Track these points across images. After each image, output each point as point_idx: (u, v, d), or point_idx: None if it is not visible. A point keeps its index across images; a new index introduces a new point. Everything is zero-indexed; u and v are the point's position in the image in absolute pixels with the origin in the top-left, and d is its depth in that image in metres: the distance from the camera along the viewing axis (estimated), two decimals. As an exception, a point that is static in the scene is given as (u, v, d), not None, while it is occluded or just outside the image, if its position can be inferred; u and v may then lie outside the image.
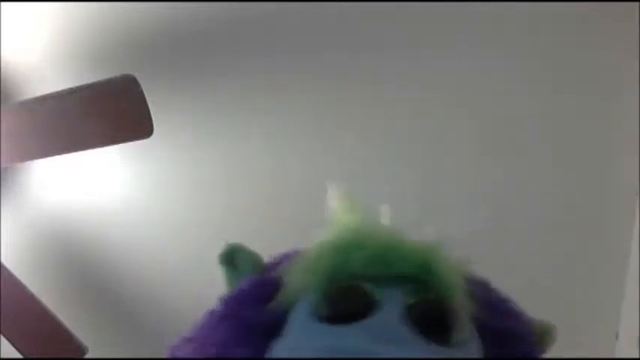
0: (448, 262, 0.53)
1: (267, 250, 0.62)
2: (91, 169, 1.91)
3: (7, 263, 1.69)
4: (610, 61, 1.57)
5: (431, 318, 0.49)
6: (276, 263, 0.59)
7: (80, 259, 2.06)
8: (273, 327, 0.53)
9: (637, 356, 1.46)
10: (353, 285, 0.52)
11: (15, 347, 1.70)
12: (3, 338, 1.71)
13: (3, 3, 1.63)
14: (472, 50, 1.61)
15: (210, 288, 0.57)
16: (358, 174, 1.74)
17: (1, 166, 1.53)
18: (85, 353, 1.73)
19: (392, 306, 0.50)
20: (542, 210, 1.75)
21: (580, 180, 1.70)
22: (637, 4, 1.46)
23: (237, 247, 0.61)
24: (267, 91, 1.73)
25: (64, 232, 2.01)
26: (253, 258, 0.61)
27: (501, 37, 1.59)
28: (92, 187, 1.95)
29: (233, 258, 0.61)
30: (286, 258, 0.59)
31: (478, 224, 1.71)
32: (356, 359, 0.46)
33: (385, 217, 0.59)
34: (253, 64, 1.69)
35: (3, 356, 1.88)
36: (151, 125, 1.40)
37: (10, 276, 1.66)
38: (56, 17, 1.69)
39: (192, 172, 1.88)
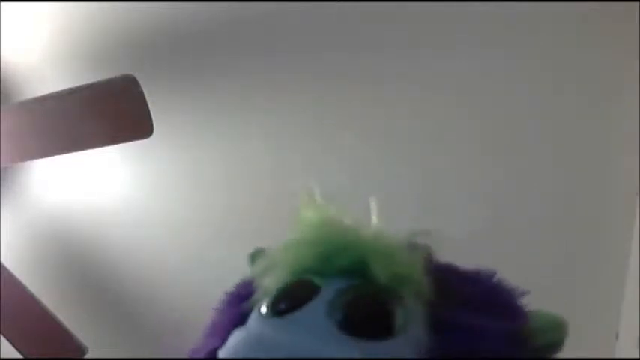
0: (394, 256, 0.53)
1: (267, 250, 0.63)
2: (91, 169, 1.91)
3: (7, 263, 1.69)
4: (610, 61, 1.57)
5: (358, 311, 0.50)
6: None
7: (80, 259, 2.06)
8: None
9: (637, 356, 1.46)
10: (298, 280, 0.54)
11: (15, 347, 1.70)
12: (3, 338, 1.71)
13: (3, 3, 1.63)
14: (472, 50, 1.61)
15: (210, 288, 0.58)
16: (358, 174, 1.74)
17: (1, 166, 1.53)
18: (85, 353, 1.73)
19: (322, 299, 0.51)
20: (542, 210, 1.75)
21: (580, 180, 1.70)
22: (637, 4, 1.46)
23: (258, 250, 0.64)
24: (267, 91, 1.73)
25: (64, 232, 2.01)
26: None
27: (501, 37, 1.58)
28: (92, 187, 1.95)
29: (254, 260, 0.63)
30: None
31: (478, 224, 1.71)
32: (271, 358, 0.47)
33: (373, 213, 0.59)
34: (253, 64, 1.69)
35: (3, 356, 1.88)
36: (151, 125, 1.40)
37: (10, 276, 1.66)
38: (56, 17, 1.69)
39: (192, 172, 1.88)
